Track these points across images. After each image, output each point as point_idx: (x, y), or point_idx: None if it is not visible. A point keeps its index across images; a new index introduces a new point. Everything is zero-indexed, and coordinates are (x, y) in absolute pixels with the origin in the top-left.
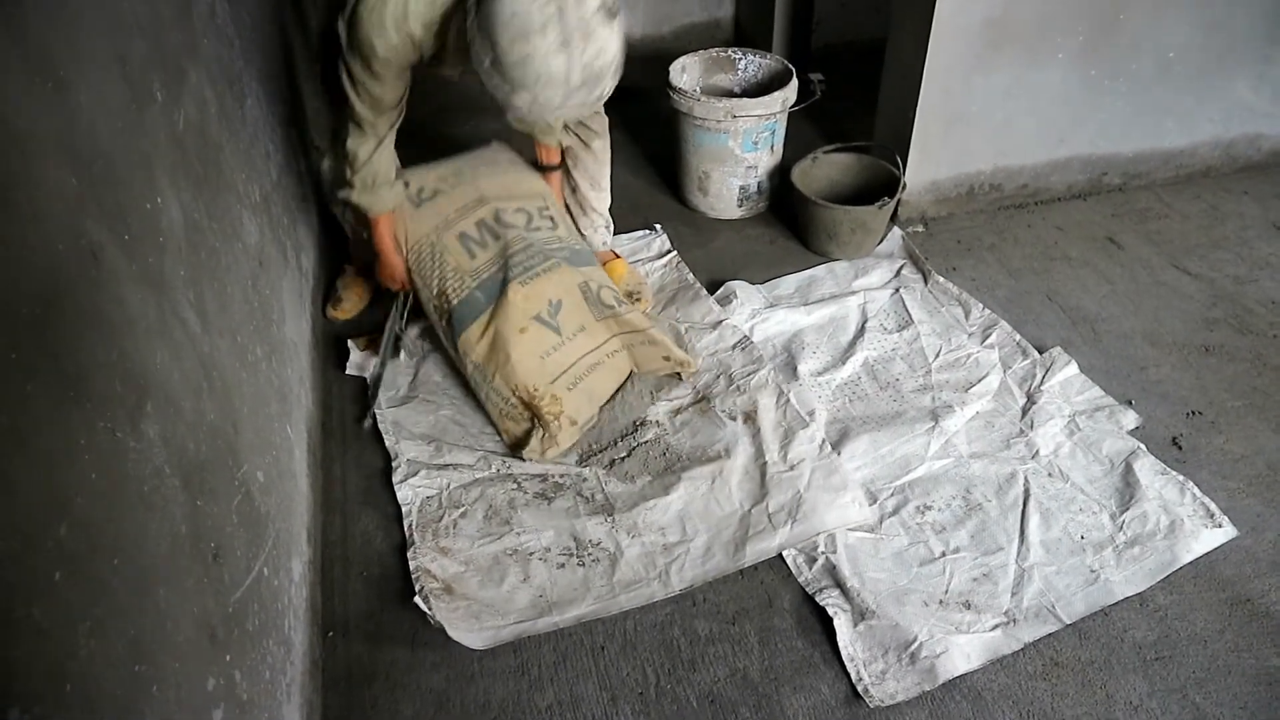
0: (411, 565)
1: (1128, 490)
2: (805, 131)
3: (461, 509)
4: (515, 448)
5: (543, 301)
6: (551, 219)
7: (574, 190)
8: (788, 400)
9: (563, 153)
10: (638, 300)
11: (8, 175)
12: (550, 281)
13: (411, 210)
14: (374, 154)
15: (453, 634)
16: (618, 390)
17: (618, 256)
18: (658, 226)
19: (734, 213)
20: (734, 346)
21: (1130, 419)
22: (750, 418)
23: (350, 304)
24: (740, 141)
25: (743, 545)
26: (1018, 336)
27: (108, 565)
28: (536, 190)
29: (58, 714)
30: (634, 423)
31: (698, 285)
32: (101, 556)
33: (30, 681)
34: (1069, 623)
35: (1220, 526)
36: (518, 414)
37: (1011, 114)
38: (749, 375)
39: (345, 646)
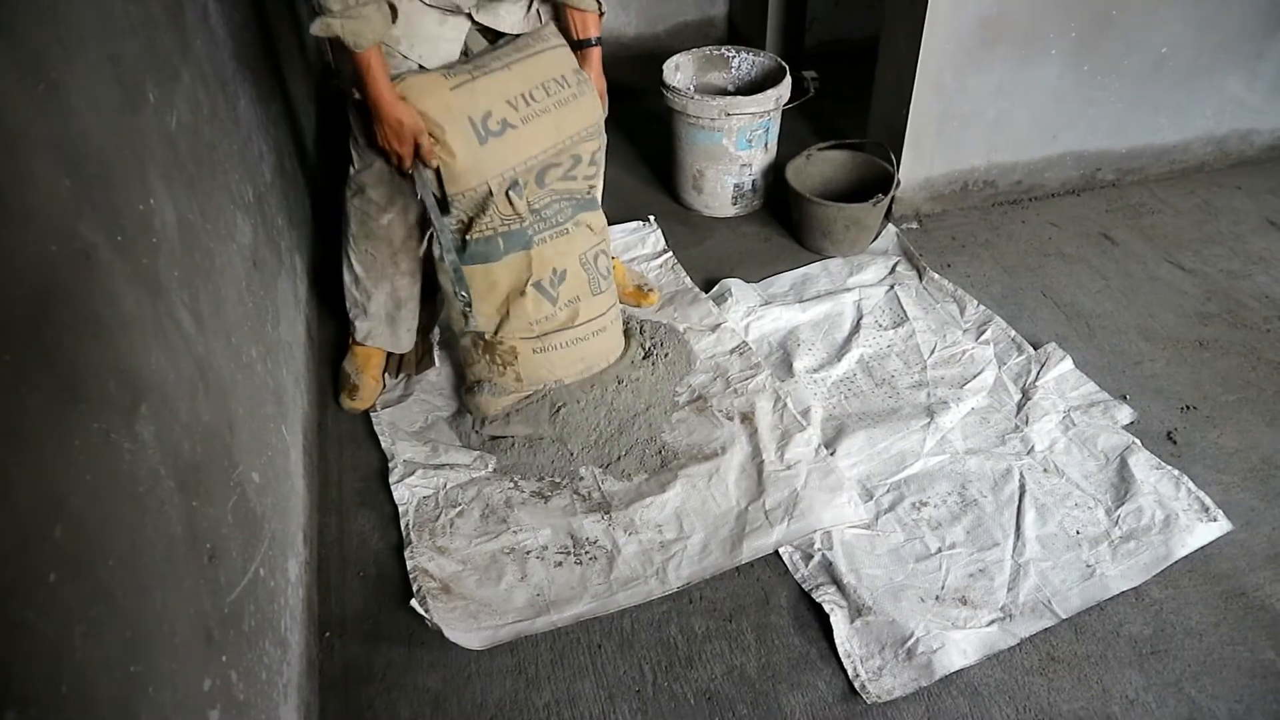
0: (409, 565)
1: (1123, 485)
2: (799, 129)
3: (458, 508)
4: (468, 392)
5: (548, 269)
6: (593, 159)
7: None
8: (785, 404)
9: None
10: (650, 292)
11: (1, 176)
12: (560, 248)
13: (473, 143)
14: None
15: (450, 635)
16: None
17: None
18: (651, 218)
19: (729, 210)
20: (732, 351)
21: (1125, 414)
22: (747, 418)
23: (368, 390)
24: (734, 139)
25: (739, 542)
26: (1012, 332)
27: (103, 566)
28: (593, 119)
29: (53, 716)
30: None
31: (695, 289)
32: (97, 558)
33: (26, 683)
34: (1065, 617)
35: (1215, 520)
36: (476, 357)
37: (1005, 111)
38: (747, 379)
39: (342, 647)
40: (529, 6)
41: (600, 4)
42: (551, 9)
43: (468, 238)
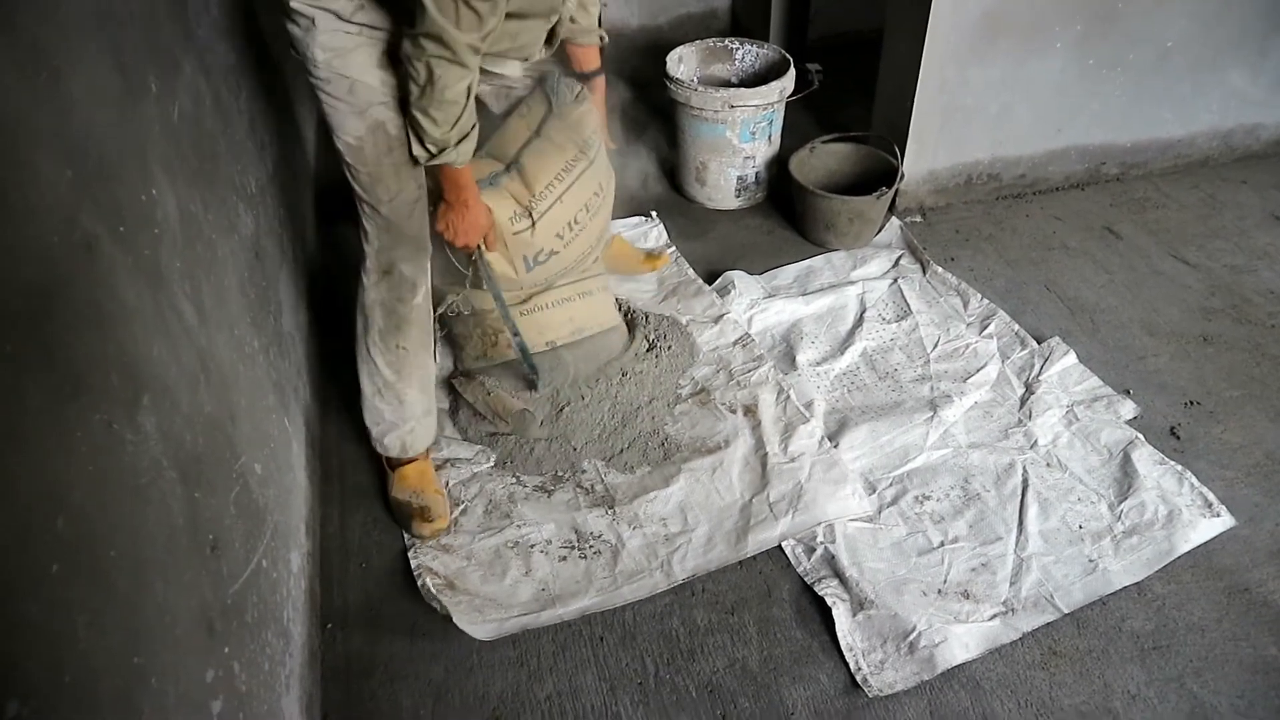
0: (413, 564)
1: (1126, 480)
2: (803, 122)
3: (461, 504)
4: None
5: (559, 224)
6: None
7: None
8: (788, 397)
9: None
10: (660, 255)
11: (2, 167)
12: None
13: (521, 271)
14: (470, 93)
15: (458, 621)
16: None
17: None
18: (654, 214)
19: (732, 203)
20: (735, 343)
21: (1128, 409)
22: (750, 411)
23: (438, 504)
24: (738, 132)
25: (744, 535)
26: (1016, 326)
27: (105, 558)
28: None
29: (56, 706)
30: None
31: (699, 281)
32: (99, 549)
33: (29, 674)
34: (1067, 612)
35: (1218, 516)
36: (468, 334)
37: (1009, 104)
38: (749, 371)
39: (344, 638)
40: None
41: (602, 37)
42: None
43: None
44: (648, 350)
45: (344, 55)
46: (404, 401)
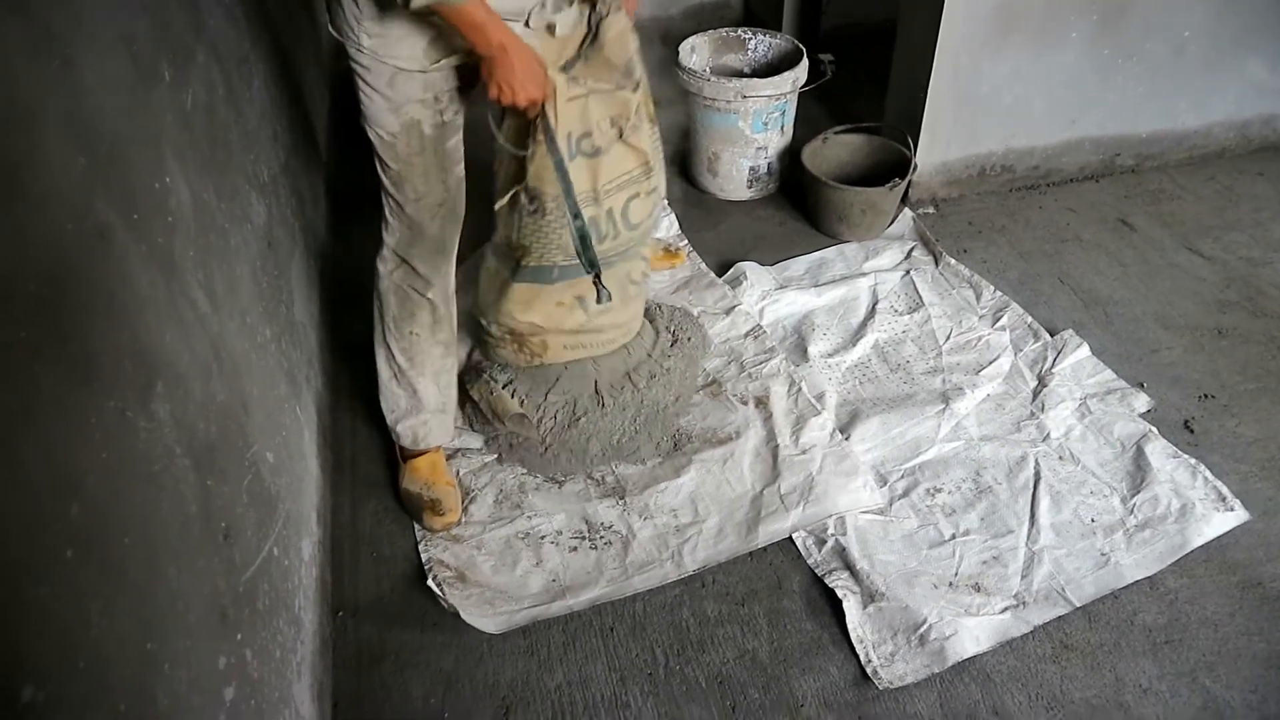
0: (424, 557)
1: (1139, 473)
2: (815, 112)
3: (471, 495)
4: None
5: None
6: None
7: None
8: (799, 389)
9: None
10: (677, 251)
11: (15, 154)
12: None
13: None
14: None
15: (466, 617)
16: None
17: None
18: (665, 203)
19: (744, 194)
20: (746, 334)
21: (1142, 402)
22: (762, 403)
23: (450, 498)
24: (750, 122)
25: (755, 526)
26: (1029, 319)
27: (119, 544)
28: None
29: (70, 691)
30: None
31: (710, 273)
32: (112, 535)
33: (43, 659)
34: (1079, 605)
35: (1232, 510)
36: (497, 340)
37: (1023, 95)
38: (761, 363)
39: (355, 626)
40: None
41: None
42: None
43: (523, 263)
44: (673, 345)
45: (392, 42)
46: (417, 391)
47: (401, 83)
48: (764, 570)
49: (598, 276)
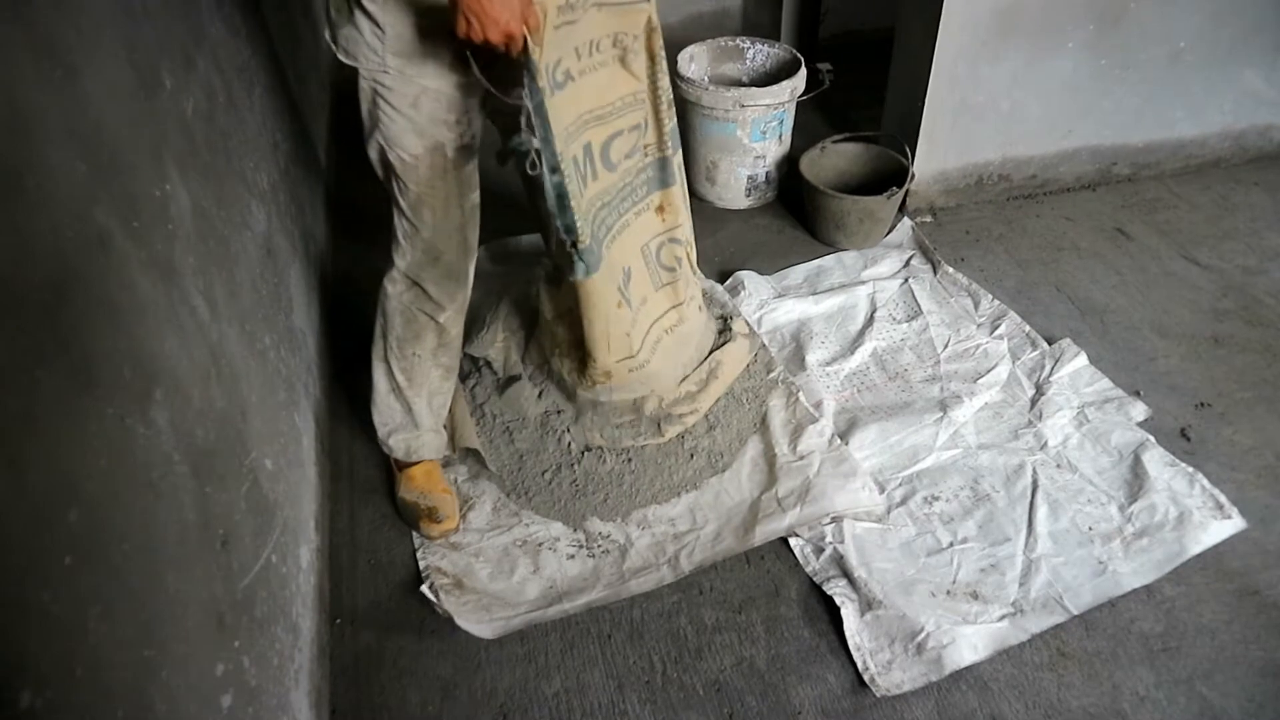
0: (422, 565)
1: (1136, 482)
2: (813, 121)
3: (470, 502)
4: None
5: (618, 271)
6: (647, 126)
7: None
8: (797, 397)
9: None
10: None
11: (17, 161)
12: (622, 246)
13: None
14: None
15: (461, 624)
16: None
17: None
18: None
19: (742, 202)
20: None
21: (1139, 410)
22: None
23: (447, 505)
24: (748, 131)
25: (752, 528)
26: (1027, 327)
27: (117, 550)
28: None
29: (68, 697)
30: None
31: (711, 282)
32: (111, 542)
33: (41, 665)
34: (1076, 614)
35: (1229, 518)
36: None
37: (1020, 104)
38: (759, 372)
39: (353, 634)
40: None
41: None
42: None
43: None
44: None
45: (418, 61)
46: (413, 409)
47: (427, 103)
48: (762, 578)
49: (574, 244)
